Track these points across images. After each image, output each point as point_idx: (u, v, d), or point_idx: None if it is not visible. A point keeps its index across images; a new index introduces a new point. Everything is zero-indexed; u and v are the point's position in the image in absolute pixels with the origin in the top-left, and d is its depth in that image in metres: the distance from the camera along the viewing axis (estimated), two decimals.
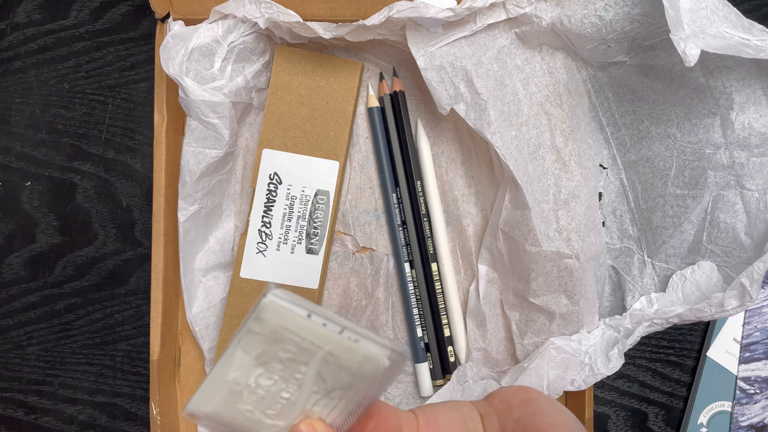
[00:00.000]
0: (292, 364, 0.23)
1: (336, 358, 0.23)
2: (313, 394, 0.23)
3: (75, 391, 0.46)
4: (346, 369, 0.23)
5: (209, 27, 0.40)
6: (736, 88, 0.37)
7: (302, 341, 0.23)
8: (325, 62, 0.42)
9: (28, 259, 0.46)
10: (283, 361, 0.23)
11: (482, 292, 0.42)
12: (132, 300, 0.46)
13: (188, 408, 0.24)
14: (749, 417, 0.44)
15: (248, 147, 0.44)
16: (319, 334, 0.23)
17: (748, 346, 0.45)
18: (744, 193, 0.38)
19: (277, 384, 0.23)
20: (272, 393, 0.23)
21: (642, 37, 0.37)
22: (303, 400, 0.23)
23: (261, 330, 0.23)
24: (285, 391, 0.23)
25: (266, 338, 0.23)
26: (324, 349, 0.23)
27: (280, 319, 0.22)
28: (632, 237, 0.42)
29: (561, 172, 0.40)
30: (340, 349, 0.23)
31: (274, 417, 0.24)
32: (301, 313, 0.22)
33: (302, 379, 0.23)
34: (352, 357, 0.23)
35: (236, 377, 0.23)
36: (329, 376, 0.23)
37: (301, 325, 0.23)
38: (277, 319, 0.22)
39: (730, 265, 0.39)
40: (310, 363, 0.23)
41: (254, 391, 0.23)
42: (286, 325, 0.22)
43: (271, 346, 0.23)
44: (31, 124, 0.46)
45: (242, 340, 0.23)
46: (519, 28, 0.39)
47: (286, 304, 0.22)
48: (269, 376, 0.23)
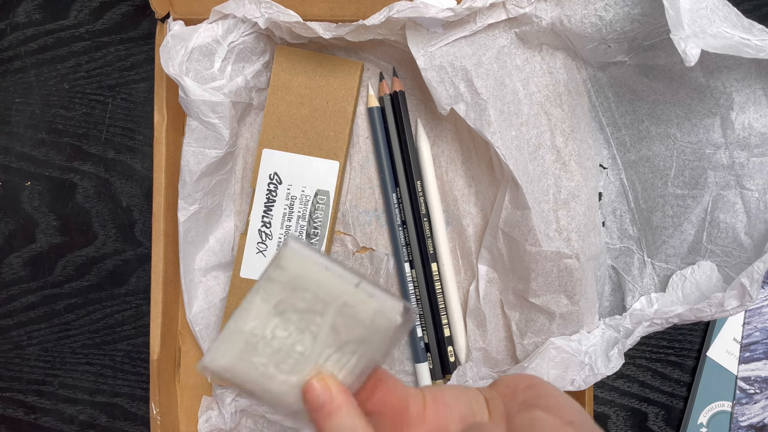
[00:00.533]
0: (308, 315, 0.24)
1: (351, 310, 0.24)
2: (326, 348, 0.24)
3: (75, 391, 0.46)
4: (359, 322, 0.24)
5: (209, 27, 0.40)
6: (736, 88, 0.37)
7: (319, 290, 0.23)
8: (325, 62, 0.42)
9: (28, 259, 0.46)
10: (300, 310, 0.24)
11: (482, 292, 0.42)
12: (132, 300, 0.46)
13: (204, 362, 0.24)
14: (749, 417, 0.44)
15: (248, 147, 0.44)
16: (335, 285, 0.23)
17: (748, 346, 0.45)
18: (744, 193, 0.38)
19: (292, 336, 0.24)
20: (287, 346, 0.24)
21: (642, 37, 0.37)
22: (316, 354, 0.24)
23: (280, 277, 0.23)
24: (299, 344, 0.24)
25: (285, 286, 0.23)
26: (340, 300, 0.24)
27: (300, 267, 0.23)
28: (632, 237, 0.42)
29: (561, 172, 0.40)
30: (355, 301, 0.24)
31: (287, 372, 0.24)
32: (320, 263, 0.23)
33: (317, 331, 0.24)
34: (367, 310, 0.24)
35: (253, 327, 0.24)
36: (343, 329, 0.24)
37: (319, 274, 0.23)
38: (296, 267, 0.23)
39: (730, 265, 0.39)
40: (325, 313, 0.24)
41: (270, 343, 0.24)
42: (304, 274, 0.23)
43: (289, 294, 0.24)
44: (31, 124, 0.46)
45: (262, 288, 0.24)
46: (519, 28, 0.39)
47: (306, 252, 0.23)
48: (285, 327, 0.24)
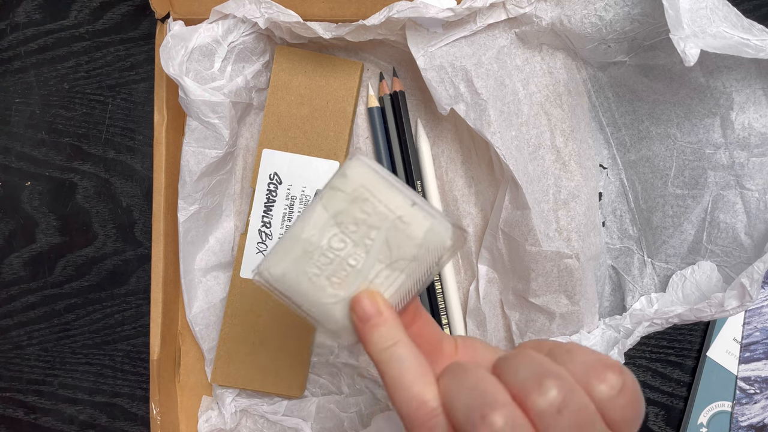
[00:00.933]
0: (364, 227, 0.24)
1: (405, 226, 0.24)
2: (377, 263, 0.25)
3: (75, 391, 0.46)
4: (412, 239, 0.24)
5: (209, 27, 0.40)
6: (736, 88, 0.37)
7: (378, 204, 0.24)
8: (325, 62, 0.42)
9: (28, 259, 0.46)
10: (358, 222, 0.24)
11: (482, 292, 0.42)
12: (132, 300, 0.46)
13: (260, 267, 0.25)
14: (749, 417, 0.44)
15: (248, 147, 0.44)
16: (394, 199, 0.24)
17: (748, 346, 0.45)
18: (744, 193, 0.38)
19: (347, 248, 0.25)
20: (341, 258, 0.25)
21: (642, 37, 0.37)
22: (367, 269, 0.25)
23: (344, 187, 0.24)
24: (353, 257, 0.25)
25: (347, 196, 0.24)
26: (396, 214, 0.24)
27: (363, 178, 0.24)
28: (632, 237, 0.42)
29: (561, 172, 0.40)
30: (410, 217, 0.24)
31: (337, 285, 0.25)
32: (384, 176, 0.24)
33: (371, 245, 0.24)
34: (420, 227, 0.24)
35: (311, 236, 0.24)
36: (396, 244, 0.24)
37: (380, 187, 0.24)
38: (360, 178, 0.24)
39: (730, 265, 0.39)
40: (381, 227, 0.24)
41: (325, 253, 0.25)
42: (367, 185, 0.24)
43: (350, 204, 0.24)
44: (31, 124, 0.46)
45: (325, 195, 0.24)
46: (519, 28, 0.39)
47: (372, 164, 0.24)
48: (342, 238, 0.24)
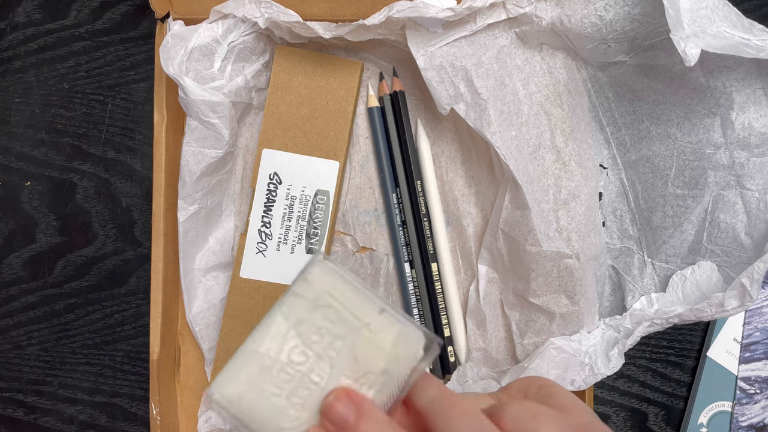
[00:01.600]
0: (328, 337, 0.22)
1: (372, 334, 0.22)
2: (344, 377, 0.23)
3: (75, 391, 0.46)
4: (381, 349, 0.22)
5: (209, 27, 0.40)
6: (737, 88, 0.37)
7: (343, 311, 0.22)
8: (325, 62, 0.42)
9: (27, 259, 0.46)
10: (321, 331, 0.22)
11: (482, 292, 0.42)
12: (132, 300, 0.46)
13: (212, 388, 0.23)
14: (749, 417, 0.44)
15: (248, 147, 0.44)
16: (361, 306, 0.22)
17: (749, 346, 0.45)
18: (744, 193, 0.38)
19: (309, 362, 0.23)
20: (302, 373, 0.23)
21: (642, 36, 0.37)
22: (332, 385, 0.23)
23: (305, 293, 0.22)
24: (315, 373, 0.23)
25: (308, 303, 0.22)
26: (362, 322, 0.22)
27: (327, 283, 0.22)
28: (632, 237, 0.42)
29: (561, 172, 0.40)
30: (378, 325, 0.22)
31: (299, 407, 0.23)
32: (348, 280, 0.22)
33: (335, 358, 0.23)
34: (388, 335, 0.22)
35: (269, 349, 0.22)
36: (363, 356, 0.23)
37: (345, 293, 0.22)
38: (323, 283, 0.22)
39: (730, 265, 0.39)
40: (346, 336, 0.22)
41: (284, 369, 0.23)
42: (331, 291, 0.22)
43: (312, 312, 0.22)
44: (30, 124, 0.46)
45: (285, 303, 0.23)
46: (519, 27, 0.39)
47: (335, 268, 0.22)
48: (303, 350, 0.23)
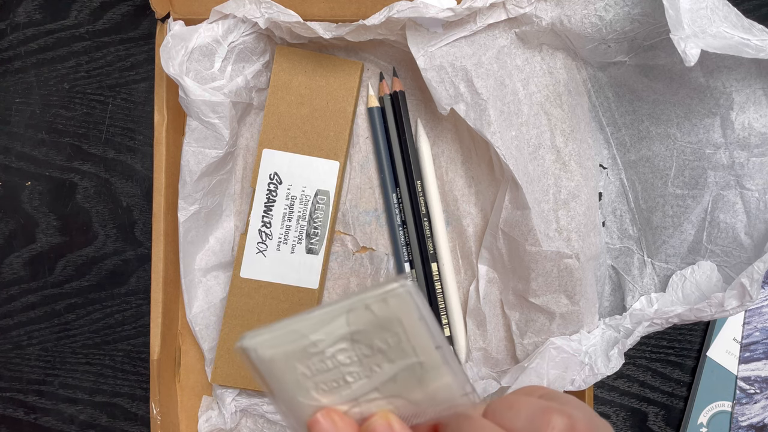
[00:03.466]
0: (379, 357, 0.23)
1: (422, 372, 0.23)
2: (375, 391, 0.23)
3: (75, 391, 0.46)
4: (423, 387, 0.23)
5: (209, 27, 0.40)
6: (736, 88, 0.37)
7: (405, 342, 0.22)
8: (325, 62, 0.42)
9: (28, 259, 0.46)
10: (374, 349, 0.23)
11: (482, 292, 0.42)
12: (132, 300, 0.46)
13: (246, 342, 0.23)
14: (749, 417, 0.44)
15: (248, 147, 0.44)
16: (421, 340, 0.22)
17: (748, 346, 0.45)
18: (744, 193, 0.38)
19: (350, 366, 0.23)
20: (339, 371, 0.23)
21: (642, 37, 0.37)
22: (362, 391, 0.23)
23: (378, 311, 0.22)
24: (352, 376, 0.23)
25: (377, 321, 0.22)
26: (417, 358, 0.23)
27: (402, 311, 0.22)
28: (632, 237, 0.42)
29: (561, 172, 0.40)
30: (430, 366, 0.23)
31: (322, 392, 0.23)
32: (422, 314, 0.22)
33: (377, 373, 0.23)
34: (435, 381, 0.23)
35: (319, 340, 0.22)
36: (403, 384, 0.23)
37: (414, 326, 0.22)
38: (398, 310, 0.22)
39: (730, 265, 0.39)
40: (396, 363, 0.23)
41: (324, 361, 0.23)
42: (402, 320, 0.22)
43: (375, 330, 0.22)
44: (31, 124, 0.46)
45: (353, 311, 0.22)
46: (519, 28, 0.39)
47: (417, 298, 0.22)
48: (350, 356, 0.23)
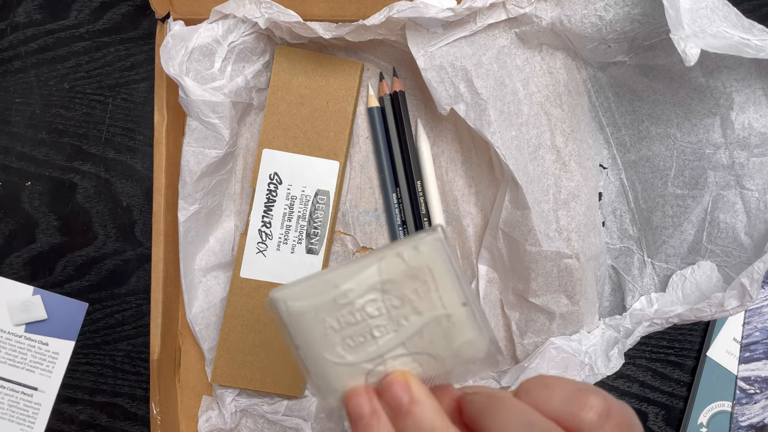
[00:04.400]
0: (408, 308, 0.23)
1: (449, 326, 0.23)
2: (401, 346, 0.23)
3: (75, 390, 0.46)
4: (449, 342, 0.23)
5: (209, 27, 0.40)
6: (736, 88, 0.37)
7: (434, 292, 0.22)
8: (325, 62, 0.42)
9: (28, 259, 0.46)
10: (404, 300, 0.23)
11: (482, 292, 0.42)
12: (132, 300, 0.46)
13: (279, 294, 0.22)
14: (749, 417, 0.44)
15: (248, 147, 0.44)
16: (450, 292, 0.22)
17: (748, 346, 0.45)
18: (744, 193, 0.38)
19: (379, 319, 0.23)
20: (367, 324, 0.23)
21: (642, 37, 0.37)
22: (389, 347, 0.23)
23: (409, 259, 0.22)
24: (379, 330, 0.23)
25: (408, 270, 0.22)
26: (445, 310, 0.23)
27: (433, 259, 0.22)
28: (632, 237, 0.42)
29: (561, 172, 0.40)
30: (457, 320, 0.23)
31: (348, 348, 0.23)
32: (452, 263, 0.22)
33: (405, 327, 0.23)
34: (462, 334, 0.23)
35: (350, 290, 0.22)
36: (429, 338, 0.23)
37: (444, 275, 0.22)
38: (429, 258, 0.22)
39: (730, 265, 0.39)
40: (424, 315, 0.23)
41: (354, 313, 0.23)
42: (432, 268, 0.22)
43: (406, 279, 0.22)
44: (31, 124, 0.46)
45: (385, 259, 0.22)
46: (519, 28, 0.39)
47: (446, 249, 0.22)
48: (379, 307, 0.23)
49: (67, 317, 0.46)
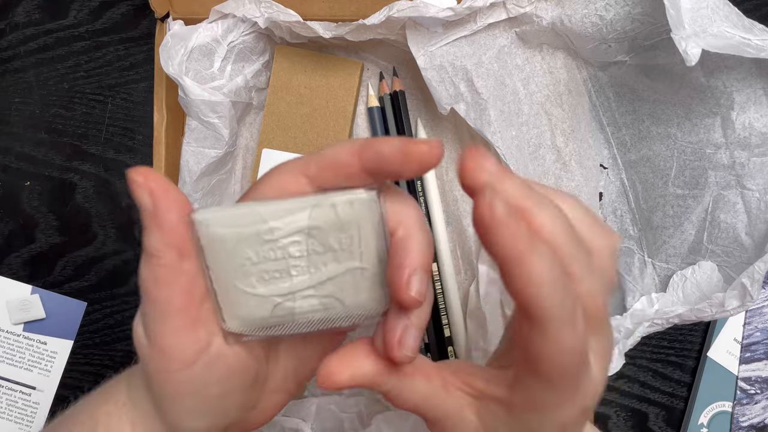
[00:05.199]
0: (329, 256, 0.23)
1: (361, 279, 0.23)
2: (312, 288, 0.23)
3: (74, 391, 0.46)
4: (357, 291, 0.23)
5: (209, 26, 0.40)
6: (737, 88, 0.37)
7: (356, 247, 0.23)
8: (325, 62, 0.42)
9: (27, 259, 0.46)
10: (327, 248, 0.23)
11: (482, 293, 0.42)
12: (132, 300, 0.46)
13: (200, 215, 0.22)
14: (750, 417, 0.44)
15: (248, 147, 0.44)
16: (371, 251, 0.23)
17: (749, 347, 0.45)
18: (744, 193, 0.38)
19: (299, 259, 0.23)
20: (285, 262, 0.23)
21: (642, 36, 0.37)
22: (300, 287, 0.23)
23: (341, 213, 0.22)
24: (296, 269, 0.23)
25: (337, 222, 0.22)
26: (362, 265, 0.23)
27: (363, 218, 0.22)
28: (633, 237, 0.42)
29: (561, 172, 0.40)
30: (369, 274, 0.23)
31: (262, 282, 0.23)
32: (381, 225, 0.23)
33: (321, 272, 0.23)
34: (370, 287, 0.23)
35: (276, 227, 0.22)
36: (340, 286, 0.23)
37: (369, 232, 0.23)
38: (360, 216, 0.22)
39: (730, 265, 0.39)
40: (342, 265, 0.23)
41: (275, 249, 0.23)
42: (361, 225, 0.23)
43: (333, 230, 0.23)
44: (30, 124, 0.46)
45: (319, 207, 0.22)
46: (519, 27, 0.39)
47: (379, 211, 0.22)
48: (302, 250, 0.23)
49: (65, 316, 0.46)
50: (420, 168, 0.21)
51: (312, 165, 0.22)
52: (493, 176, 0.20)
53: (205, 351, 0.23)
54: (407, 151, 0.21)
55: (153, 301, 0.22)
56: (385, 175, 0.22)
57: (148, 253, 0.22)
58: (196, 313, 0.23)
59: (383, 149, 0.21)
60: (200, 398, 0.23)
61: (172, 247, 0.22)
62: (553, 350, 0.19)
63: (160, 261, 0.22)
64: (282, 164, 0.23)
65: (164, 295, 0.22)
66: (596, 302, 0.21)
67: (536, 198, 0.20)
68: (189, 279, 0.22)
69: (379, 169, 0.21)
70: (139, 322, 0.23)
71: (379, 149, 0.21)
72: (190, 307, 0.22)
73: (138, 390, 0.25)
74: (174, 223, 0.22)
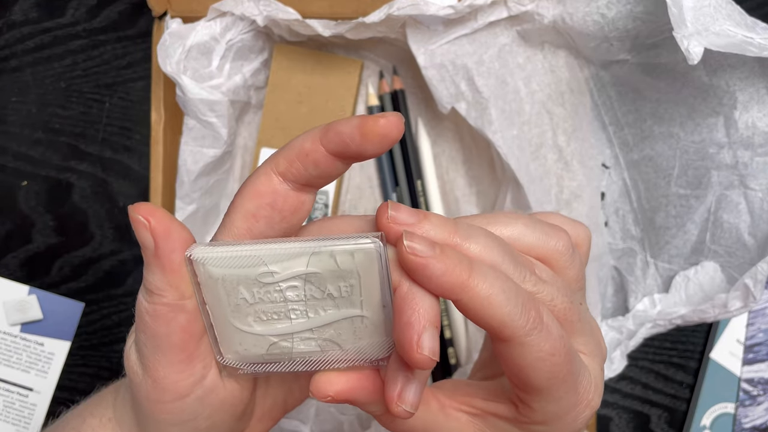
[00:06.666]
0: (328, 302, 0.22)
1: (361, 326, 0.23)
2: (310, 331, 0.23)
3: (72, 392, 0.46)
4: (357, 337, 0.23)
5: (207, 25, 0.39)
6: (740, 87, 0.36)
7: (357, 295, 0.22)
8: (325, 60, 0.42)
9: (24, 260, 0.46)
10: (326, 295, 0.22)
11: None
12: (129, 301, 0.46)
13: (197, 254, 0.22)
14: (752, 419, 0.44)
15: (246, 146, 0.44)
16: (373, 300, 0.22)
17: (752, 348, 0.44)
18: (748, 193, 0.38)
19: (296, 304, 0.22)
20: (285, 305, 0.22)
21: (645, 35, 0.37)
22: (298, 329, 0.23)
23: (341, 263, 0.22)
24: (295, 313, 0.23)
25: (337, 270, 0.22)
26: (362, 313, 0.22)
27: (364, 268, 0.22)
28: (635, 237, 0.42)
29: (563, 171, 0.39)
30: (370, 322, 0.23)
31: (259, 321, 0.23)
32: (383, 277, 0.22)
33: (320, 317, 0.23)
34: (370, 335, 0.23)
35: (276, 272, 0.22)
36: (339, 331, 0.23)
37: (371, 282, 0.22)
38: (361, 266, 0.22)
39: (733, 265, 0.38)
40: (341, 311, 0.22)
41: (271, 293, 0.22)
42: (362, 275, 0.22)
43: (332, 278, 0.22)
44: (27, 124, 0.46)
45: (319, 255, 0.22)
46: (520, 26, 0.38)
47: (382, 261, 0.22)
48: (300, 295, 0.22)
49: (62, 317, 0.46)
50: (381, 143, 0.20)
51: (281, 160, 0.22)
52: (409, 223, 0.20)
53: (200, 384, 0.23)
54: (365, 128, 0.20)
55: (151, 336, 0.22)
56: (351, 156, 0.21)
57: (148, 290, 0.22)
58: (194, 349, 0.22)
59: (342, 129, 0.20)
60: (188, 429, 0.23)
61: (174, 287, 0.21)
62: (532, 359, 0.19)
63: (162, 299, 0.21)
64: (257, 168, 0.23)
65: (163, 331, 0.22)
66: (561, 305, 0.21)
67: (464, 230, 0.21)
68: (189, 317, 0.22)
69: (343, 150, 0.21)
70: (133, 349, 0.23)
71: (338, 130, 0.20)
72: (189, 343, 0.22)
73: (124, 408, 0.25)
74: (177, 264, 0.21)
